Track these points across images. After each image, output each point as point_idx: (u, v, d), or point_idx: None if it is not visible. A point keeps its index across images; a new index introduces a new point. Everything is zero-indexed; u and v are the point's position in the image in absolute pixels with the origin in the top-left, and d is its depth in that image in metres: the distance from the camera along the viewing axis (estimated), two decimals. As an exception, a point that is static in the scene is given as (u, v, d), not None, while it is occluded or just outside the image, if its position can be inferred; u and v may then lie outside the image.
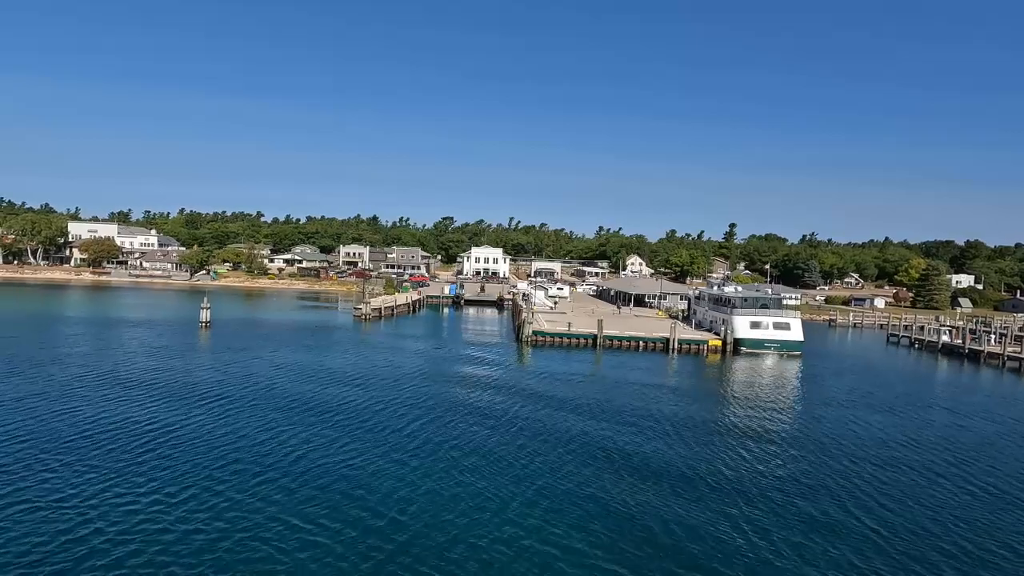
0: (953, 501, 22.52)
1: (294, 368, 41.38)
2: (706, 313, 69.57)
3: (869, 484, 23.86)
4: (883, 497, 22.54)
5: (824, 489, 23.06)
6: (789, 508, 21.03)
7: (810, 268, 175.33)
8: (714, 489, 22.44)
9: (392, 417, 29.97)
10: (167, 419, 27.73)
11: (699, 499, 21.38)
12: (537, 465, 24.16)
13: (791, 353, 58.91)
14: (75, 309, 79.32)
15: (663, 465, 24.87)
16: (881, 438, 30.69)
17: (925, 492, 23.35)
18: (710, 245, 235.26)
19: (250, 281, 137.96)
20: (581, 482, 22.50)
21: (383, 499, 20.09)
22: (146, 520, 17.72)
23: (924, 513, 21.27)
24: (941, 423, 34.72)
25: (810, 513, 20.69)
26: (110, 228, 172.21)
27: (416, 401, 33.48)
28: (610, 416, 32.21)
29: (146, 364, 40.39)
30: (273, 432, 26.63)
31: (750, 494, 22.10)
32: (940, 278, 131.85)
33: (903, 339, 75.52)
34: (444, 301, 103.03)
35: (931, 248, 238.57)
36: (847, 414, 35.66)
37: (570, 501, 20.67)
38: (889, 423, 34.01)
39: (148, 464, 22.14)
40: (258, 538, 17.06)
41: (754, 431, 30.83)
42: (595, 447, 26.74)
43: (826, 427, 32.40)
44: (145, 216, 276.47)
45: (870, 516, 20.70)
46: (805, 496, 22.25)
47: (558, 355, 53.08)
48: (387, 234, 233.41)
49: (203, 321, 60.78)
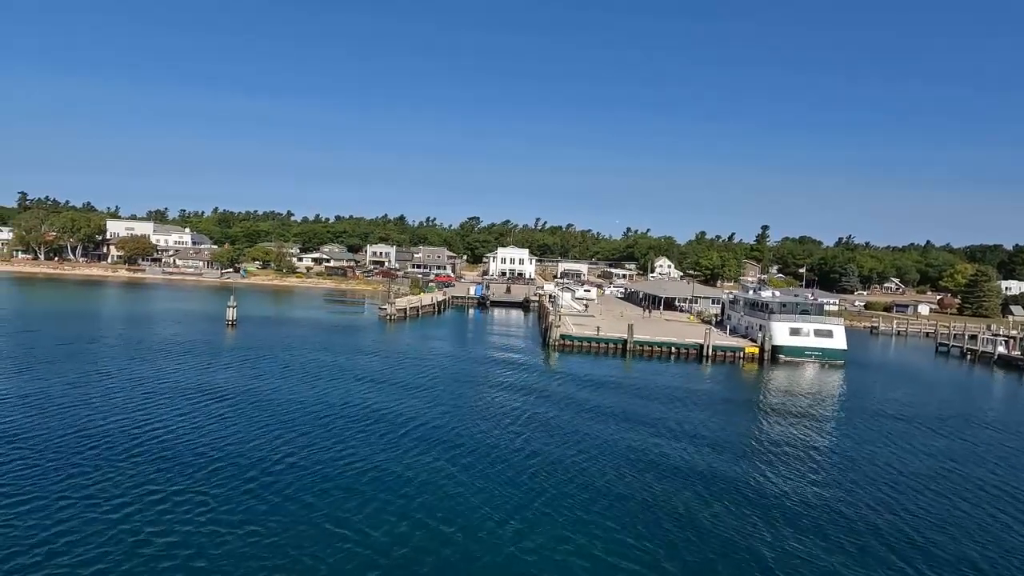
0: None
1: (315, 370, 40.46)
2: (741, 318, 66.75)
3: (928, 522, 21.50)
4: (942, 537, 20.20)
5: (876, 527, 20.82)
6: (831, 538, 18.91)
7: (848, 272, 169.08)
8: (763, 511, 20.43)
9: (413, 423, 28.64)
10: (168, 420, 26.90)
11: (744, 523, 19.42)
12: (572, 480, 22.48)
13: (833, 362, 55.82)
14: (106, 305, 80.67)
15: (703, 484, 22.91)
16: (940, 465, 28.07)
17: (997, 537, 20.90)
18: (741, 248, 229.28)
19: (278, 279, 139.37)
20: (616, 499, 20.74)
21: (408, 507, 18.71)
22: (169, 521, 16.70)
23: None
24: (1007, 447, 31.78)
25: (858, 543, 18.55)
26: (146, 226, 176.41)
27: (440, 406, 32.11)
28: (644, 431, 30.30)
29: (163, 363, 39.99)
30: (286, 437, 25.54)
31: (787, 517, 20.03)
32: (990, 284, 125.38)
33: (953, 349, 71.28)
34: (469, 302, 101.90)
35: (976, 252, 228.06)
36: (900, 433, 32.99)
37: (604, 516, 18.96)
38: (950, 448, 31.25)
39: (147, 466, 21.21)
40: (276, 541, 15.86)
41: (797, 451, 28.55)
42: (635, 461, 24.90)
43: (879, 450, 29.90)
44: (180, 215, 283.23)
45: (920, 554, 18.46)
46: (855, 531, 20.06)
47: (586, 361, 51.21)
48: (414, 234, 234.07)
49: (229, 320, 60.73)
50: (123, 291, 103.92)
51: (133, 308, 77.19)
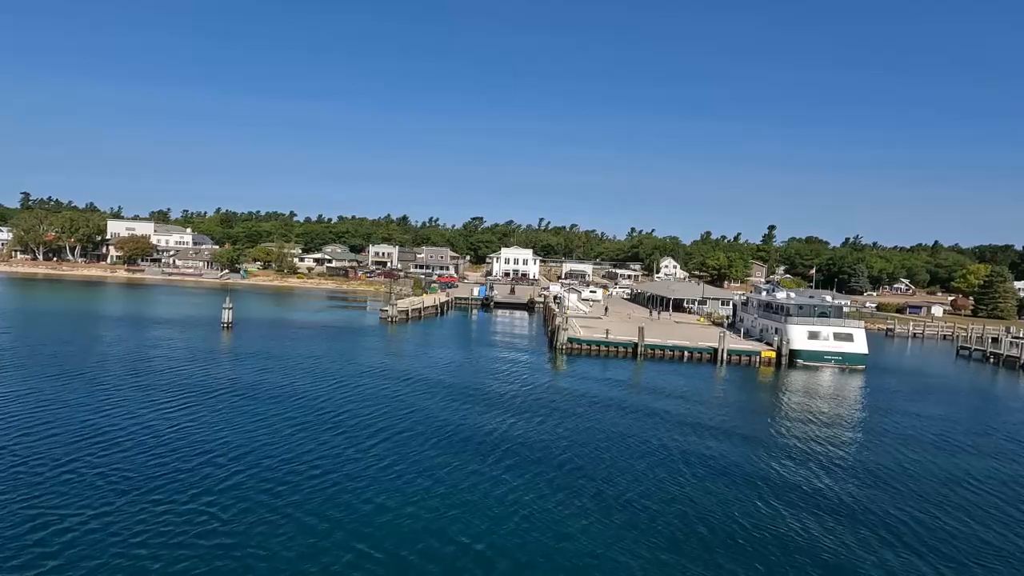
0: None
1: (312, 377, 38.31)
2: (755, 321, 64.37)
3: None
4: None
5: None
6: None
7: (857, 273, 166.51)
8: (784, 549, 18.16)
9: (415, 433, 26.44)
10: (155, 425, 24.76)
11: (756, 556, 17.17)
12: (585, 498, 20.25)
13: (854, 367, 53.43)
14: (101, 306, 78.71)
15: (723, 511, 20.66)
16: (995, 492, 25.72)
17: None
18: (748, 248, 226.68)
19: (279, 280, 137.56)
20: (631, 519, 18.51)
21: (404, 525, 16.52)
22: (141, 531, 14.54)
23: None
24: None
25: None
26: (147, 226, 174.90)
27: (444, 415, 29.89)
28: (663, 443, 28.03)
29: (151, 367, 37.89)
30: (282, 447, 23.38)
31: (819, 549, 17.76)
32: (1005, 285, 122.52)
33: (975, 352, 68.71)
34: (473, 303, 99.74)
35: (985, 252, 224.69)
36: (939, 449, 30.65)
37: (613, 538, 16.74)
38: (999, 472, 28.90)
39: (121, 473, 19.07)
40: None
41: (831, 466, 26.26)
42: (659, 476, 22.67)
43: (917, 467, 27.57)
44: (183, 215, 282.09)
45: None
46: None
47: (595, 365, 48.93)
48: (416, 234, 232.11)
49: (225, 322, 58.63)
50: (119, 292, 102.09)
51: (125, 309, 75.18)
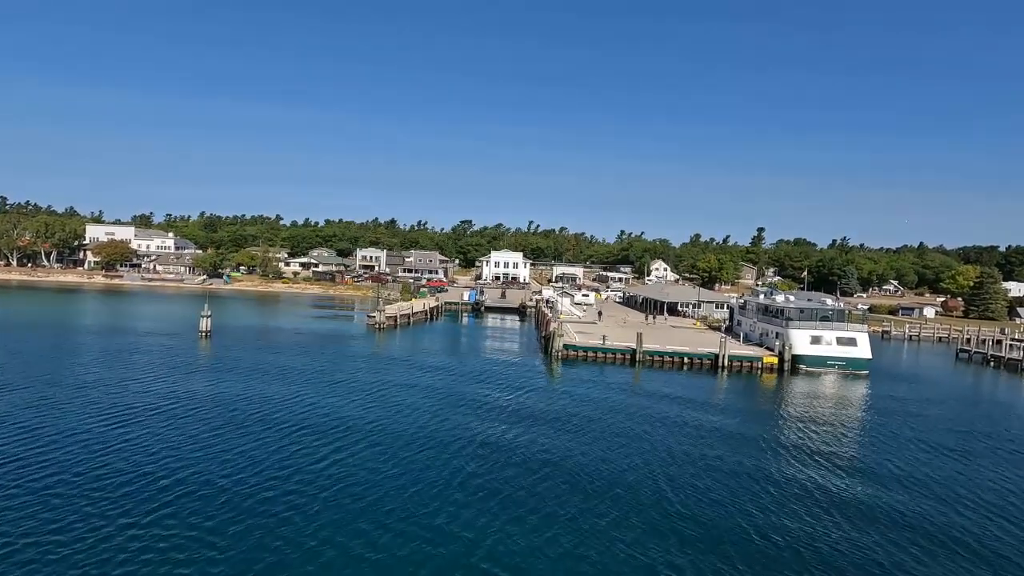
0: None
1: (285, 396, 35.74)
2: (754, 325, 62.71)
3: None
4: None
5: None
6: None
7: (847, 275, 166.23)
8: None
9: (406, 451, 24.13)
10: (87, 443, 22.25)
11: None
12: (588, 516, 18.09)
13: (857, 372, 51.88)
14: (73, 315, 75.17)
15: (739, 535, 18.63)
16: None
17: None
18: (737, 250, 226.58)
19: (264, 285, 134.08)
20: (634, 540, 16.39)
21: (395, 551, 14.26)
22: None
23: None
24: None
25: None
26: (127, 231, 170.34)
27: (435, 432, 27.59)
28: (668, 458, 25.97)
29: (104, 380, 35.16)
30: (260, 467, 20.98)
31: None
32: (995, 286, 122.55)
33: (975, 355, 67.65)
34: (463, 308, 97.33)
35: (970, 253, 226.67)
36: (956, 459, 28.94)
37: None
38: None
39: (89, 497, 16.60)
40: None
41: (847, 485, 24.36)
42: (659, 497, 20.57)
43: (940, 483, 25.77)
44: (166, 219, 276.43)
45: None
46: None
47: (592, 372, 46.87)
48: (405, 238, 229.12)
49: (203, 330, 55.75)
50: (94, 298, 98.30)
51: (98, 318, 71.83)
